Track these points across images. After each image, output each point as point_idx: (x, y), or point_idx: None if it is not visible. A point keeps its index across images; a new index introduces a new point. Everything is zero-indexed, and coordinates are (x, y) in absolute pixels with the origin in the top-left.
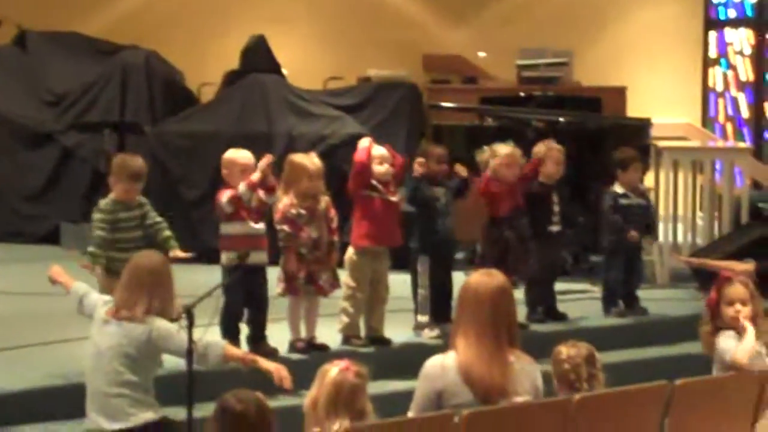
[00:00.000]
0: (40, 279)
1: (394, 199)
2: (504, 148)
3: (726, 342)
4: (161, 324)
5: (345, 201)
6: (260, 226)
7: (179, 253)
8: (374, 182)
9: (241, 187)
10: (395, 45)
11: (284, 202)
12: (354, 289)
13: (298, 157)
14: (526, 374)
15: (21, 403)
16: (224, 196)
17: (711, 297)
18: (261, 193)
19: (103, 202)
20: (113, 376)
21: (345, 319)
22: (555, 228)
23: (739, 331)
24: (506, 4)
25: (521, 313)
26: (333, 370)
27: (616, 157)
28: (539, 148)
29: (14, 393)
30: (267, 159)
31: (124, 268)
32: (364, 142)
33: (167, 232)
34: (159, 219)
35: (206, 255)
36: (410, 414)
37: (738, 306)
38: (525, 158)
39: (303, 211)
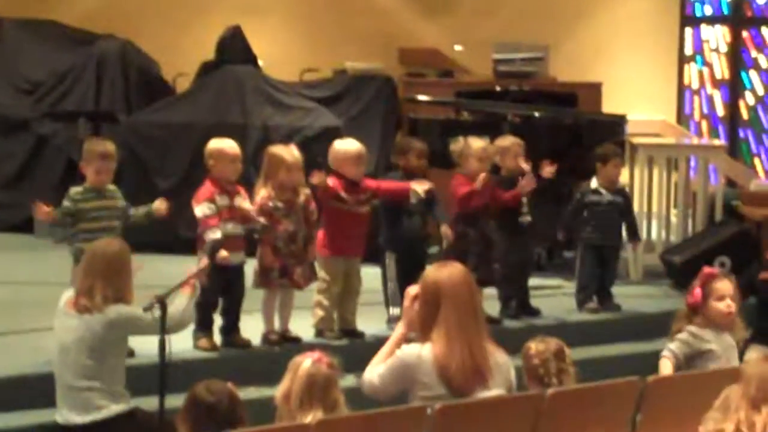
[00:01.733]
0: (13, 268)
1: (361, 210)
2: (477, 142)
3: None
4: (120, 309)
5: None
6: (233, 227)
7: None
8: (343, 195)
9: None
10: (371, 38)
11: (262, 194)
12: (329, 282)
13: (277, 149)
14: (499, 369)
15: None
16: (198, 209)
17: (694, 293)
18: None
19: (74, 190)
20: (81, 370)
21: (320, 312)
22: (525, 219)
23: (726, 328)
24: None
25: (495, 308)
26: (306, 361)
27: (597, 151)
28: (501, 142)
29: None
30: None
31: None
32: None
33: (143, 208)
34: (133, 208)
35: (181, 245)
36: (367, 377)
37: (728, 301)
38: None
39: (280, 204)
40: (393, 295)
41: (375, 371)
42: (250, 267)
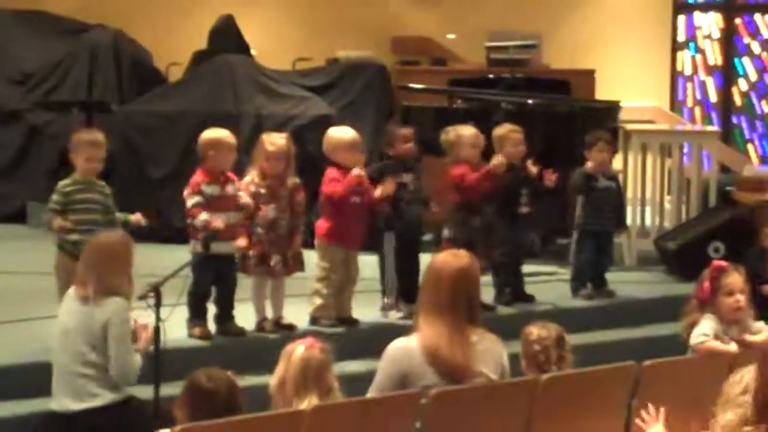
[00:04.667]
0: (7, 257)
1: (377, 193)
2: (468, 129)
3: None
4: (116, 315)
5: (311, 181)
6: (229, 216)
7: (135, 217)
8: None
9: (202, 218)
10: (364, 26)
11: (246, 178)
12: (328, 270)
13: (265, 136)
14: (491, 354)
15: None
16: (200, 216)
17: (703, 288)
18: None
19: (62, 183)
20: (79, 356)
21: (317, 300)
22: (524, 209)
23: (734, 321)
24: None
25: (489, 295)
26: (299, 348)
27: (585, 138)
28: (498, 131)
29: None
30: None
31: (81, 249)
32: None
33: (119, 215)
34: (117, 213)
35: (173, 235)
36: (369, 394)
37: (738, 296)
38: (487, 142)
39: (263, 190)
40: (390, 283)
41: (371, 389)
42: None
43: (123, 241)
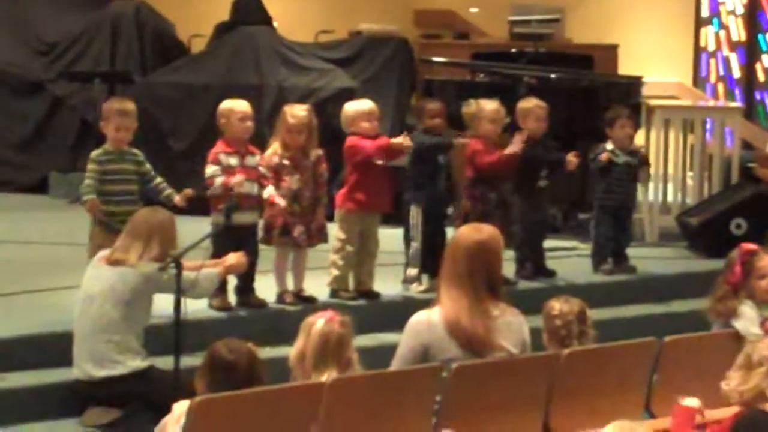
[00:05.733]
0: (28, 227)
1: (396, 140)
2: (490, 104)
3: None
4: (149, 267)
5: (334, 154)
6: (250, 186)
7: (181, 198)
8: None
9: (219, 181)
10: None
11: (269, 150)
12: (344, 241)
13: (287, 108)
14: (512, 327)
15: (9, 351)
16: (217, 180)
17: (734, 271)
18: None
19: (94, 153)
20: (103, 321)
21: (334, 272)
22: (543, 183)
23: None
24: None
25: (510, 269)
26: (319, 321)
27: (606, 114)
28: (523, 104)
29: (2, 341)
30: None
31: (115, 221)
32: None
33: (168, 190)
34: (160, 179)
35: (194, 206)
36: (392, 367)
37: None
38: (510, 116)
39: (286, 162)
40: (414, 254)
41: (393, 361)
42: None
43: (170, 218)
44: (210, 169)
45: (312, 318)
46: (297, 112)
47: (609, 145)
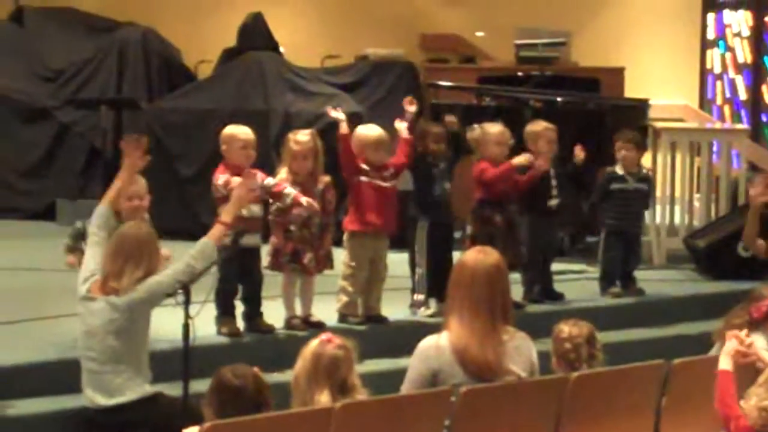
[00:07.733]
0: (36, 255)
1: (386, 184)
2: (494, 127)
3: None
4: (143, 286)
5: (340, 179)
6: (256, 208)
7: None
8: (365, 166)
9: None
10: (392, 24)
11: (279, 176)
12: (354, 268)
13: (290, 135)
14: (521, 351)
15: (15, 377)
16: (220, 178)
17: (760, 308)
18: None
19: None
20: (107, 354)
21: (344, 298)
22: (553, 203)
23: None
24: None
25: (518, 293)
26: (313, 342)
27: (614, 138)
28: (532, 127)
29: (8, 368)
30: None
31: None
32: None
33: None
34: None
35: (202, 232)
36: (401, 392)
37: None
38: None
39: (296, 188)
40: (420, 279)
41: (403, 386)
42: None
43: (153, 231)
44: (221, 179)
45: (312, 340)
46: (300, 138)
47: (618, 170)
